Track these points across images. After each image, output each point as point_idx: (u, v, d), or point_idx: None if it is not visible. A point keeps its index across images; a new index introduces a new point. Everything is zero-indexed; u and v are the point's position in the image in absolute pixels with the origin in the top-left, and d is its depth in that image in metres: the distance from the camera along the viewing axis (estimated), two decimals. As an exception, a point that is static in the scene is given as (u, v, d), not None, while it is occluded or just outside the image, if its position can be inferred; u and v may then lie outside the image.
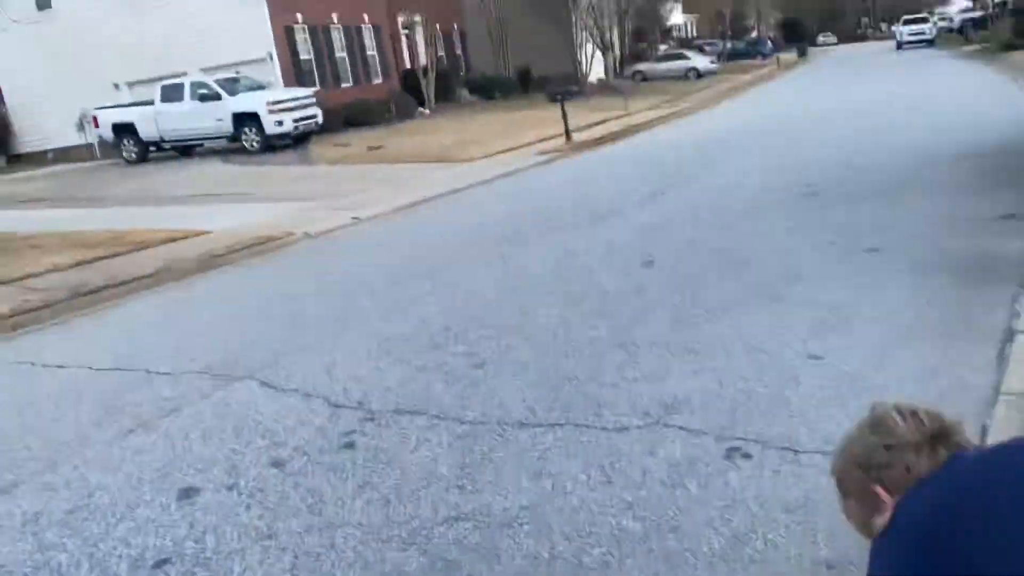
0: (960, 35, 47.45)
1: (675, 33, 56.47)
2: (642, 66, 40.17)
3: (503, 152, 16.78)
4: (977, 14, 48.47)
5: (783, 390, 3.77)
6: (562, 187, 11.19)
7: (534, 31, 37.31)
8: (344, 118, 23.55)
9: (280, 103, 20.43)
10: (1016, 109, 13.62)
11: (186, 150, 21.77)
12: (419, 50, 30.68)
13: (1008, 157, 9.06)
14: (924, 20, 49.22)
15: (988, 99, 15.73)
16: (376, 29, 28.39)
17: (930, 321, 4.45)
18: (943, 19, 53.47)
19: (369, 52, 28.21)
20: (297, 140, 20.83)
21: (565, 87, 22.76)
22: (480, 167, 14.78)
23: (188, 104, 20.63)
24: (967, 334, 4.20)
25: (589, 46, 37.56)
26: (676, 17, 56.99)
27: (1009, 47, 27.14)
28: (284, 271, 8.01)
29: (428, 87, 29.56)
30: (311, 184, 14.85)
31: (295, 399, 4.34)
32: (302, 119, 20.82)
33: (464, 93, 32.60)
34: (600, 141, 17.44)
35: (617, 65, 39.36)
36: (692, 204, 8.57)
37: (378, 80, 28.31)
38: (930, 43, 45.72)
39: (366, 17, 27.83)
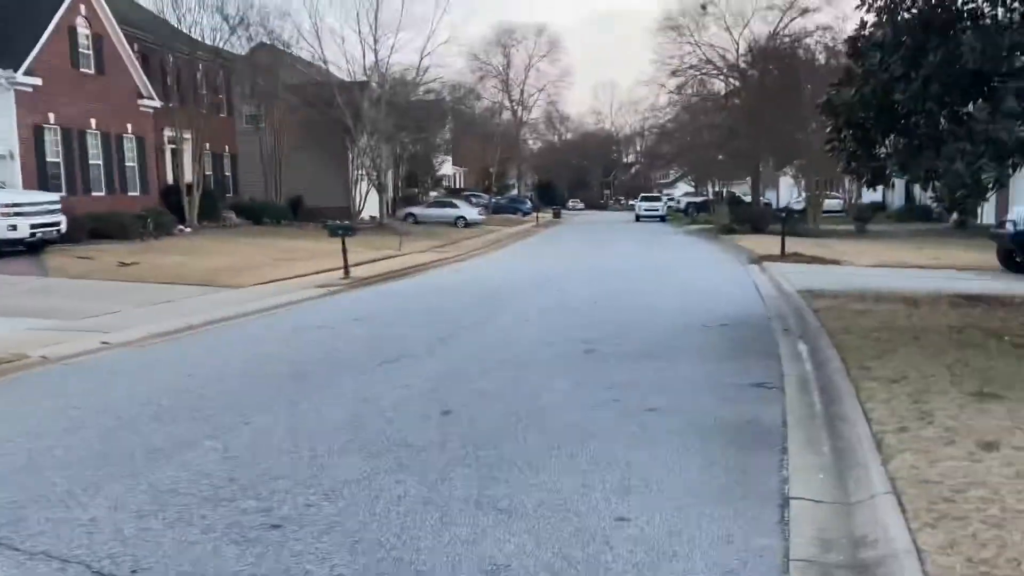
0: (685, 215, 54.95)
1: (445, 182, 59.45)
2: (414, 209, 41.56)
3: (277, 281, 16.18)
4: (699, 199, 56.48)
5: (599, 555, 3.77)
6: (346, 324, 10.91)
7: (310, 162, 37.48)
8: (91, 229, 21.59)
9: (16, 206, 18.35)
10: (742, 284, 15.74)
11: None
12: (185, 167, 29.37)
13: (746, 329, 10.32)
14: (657, 199, 56.56)
15: (720, 274, 18.06)
16: (139, 140, 26.89)
17: (716, 483, 4.75)
18: (671, 199, 61.60)
19: (128, 163, 26.51)
20: (32, 248, 18.64)
21: (346, 222, 22.76)
22: (253, 295, 14.09)
23: (-100, 201, 17.88)
24: (750, 498, 4.52)
25: (364, 184, 38.35)
26: (447, 168, 60.23)
27: (729, 230, 31.73)
28: (20, 403, 6.86)
29: (192, 205, 28.21)
30: (49, 299, 13.18)
31: (46, 567, 3.59)
32: (42, 225, 18.80)
33: (231, 215, 31.47)
34: (379, 278, 17.46)
35: (390, 206, 40.36)
36: (479, 353, 8.70)
37: (135, 192, 26.53)
38: (662, 219, 52.33)
39: (129, 127, 26.33)
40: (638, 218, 53.35)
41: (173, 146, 29.61)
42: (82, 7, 24.08)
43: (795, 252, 20.12)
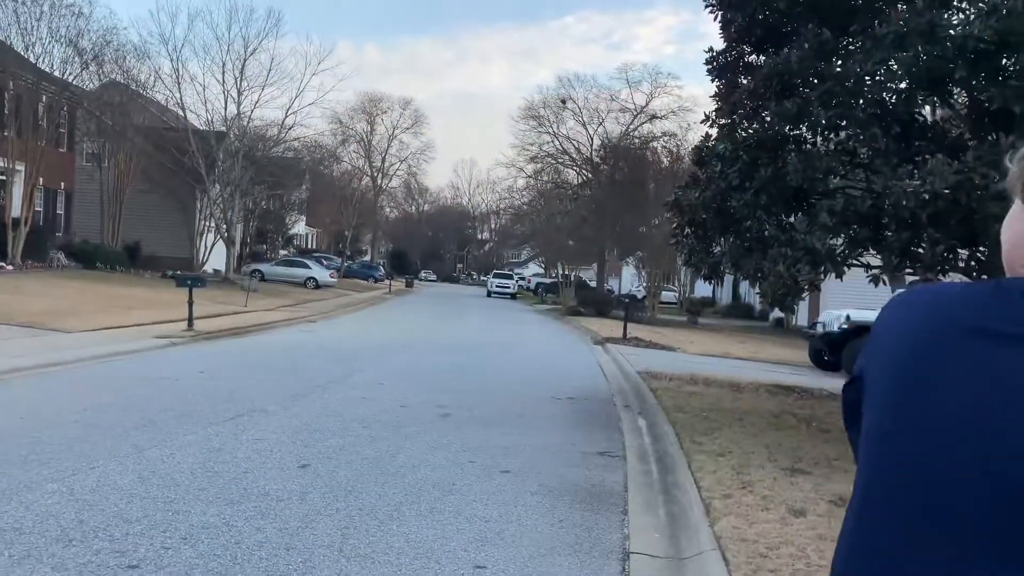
0: (535, 294, 56.76)
1: (296, 242, 58.33)
2: (263, 266, 40.42)
3: (112, 328, 15.30)
4: (549, 281, 58.65)
5: (459, 599, 3.99)
6: (192, 377, 10.54)
7: (154, 208, 35.89)
8: (-102, 257, 19.56)
9: None
10: (587, 363, 16.57)
11: None
12: (14, 200, 27.31)
13: (591, 403, 10.94)
14: (509, 277, 58.23)
15: (567, 352, 18.91)
16: (-35, 167, 24.85)
17: (565, 538, 5.10)
18: (522, 279, 63.54)
19: (-51, 190, 24.38)
20: None
21: (196, 273, 21.88)
22: (85, 340, 13.27)
23: None
24: (595, 552, 4.91)
25: (211, 236, 37.04)
26: (300, 227, 59.20)
27: (575, 312, 33.16)
28: None
29: (17, 241, 26.18)
30: None
31: None
32: None
33: (59, 256, 29.39)
34: (224, 333, 16.90)
35: (237, 261, 39.08)
36: (334, 411, 8.72)
37: (-47, 222, 24.34)
38: (513, 296, 53.83)
39: (-45, 152, 24.34)
40: (489, 294, 54.56)
41: (2, 177, 27.52)
42: (-85, 20, 22.36)
43: (635, 336, 21.39)
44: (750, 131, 7.78)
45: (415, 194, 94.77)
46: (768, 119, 8.01)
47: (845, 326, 17.33)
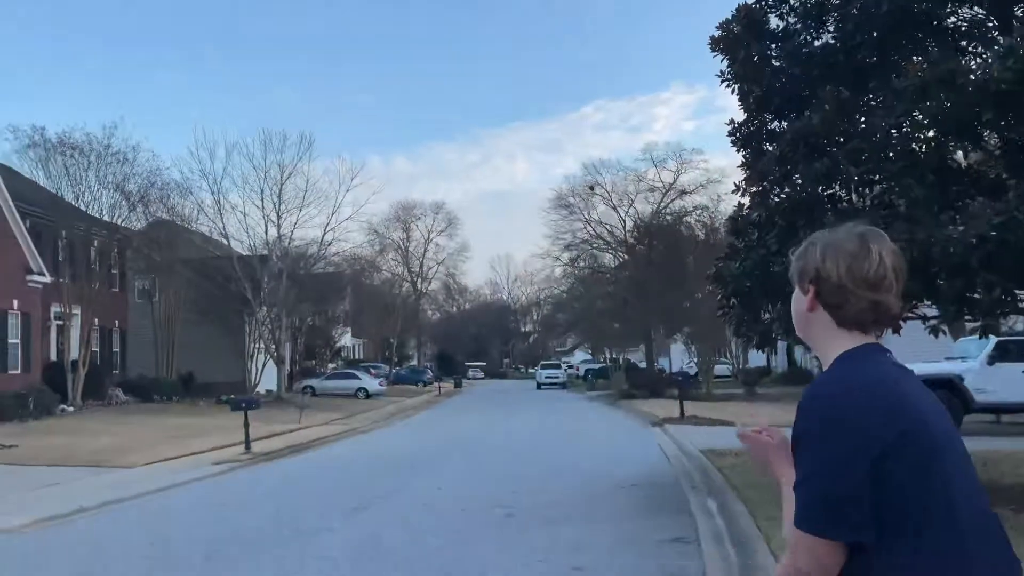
0: (584, 381, 56.22)
1: (344, 354, 59.02)
2: (313, 382, 40.82)
3: (172, 459, 15.44)
4: (597, 366, 58.15)
5: None
6: (255, 501, 10.53)
7: (204, 336, 36.71)
8: (-34, 410, 20.23)
9: None
10: (647, 446, 16.20)
11: None
12: (71, 343, 28.25)
13: (655, 488, 10.62)
14: (557, 366, 57.89)
15: (625, 437, 18.53)
16: (24, 316, 25.87)
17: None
18: (570, 366, 63.13)
19: (11, 340, 25.32)
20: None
21: (249, 396, 22.19)
22: (146, 474, 13.38)
23: None
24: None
25: (261, 357, 37.67)
26: (346, 339, 60.02)
27: (628, 395, 32.69)
28: None
29: (76, 383, 26.90)
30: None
31: None
32: (-89, 406, 17.52)
33: (118, 392, 30.07)
34: (281, 453, 16.94)
35: (288, 379, 39.58)
36: (397, 521, 8.59)
37: (16, 371, 25.15)
38: (563, 385, 53.35)
39: (15, 303, 25.39)
40: (539, 385, 54.15)
41: (60, 322, 28.58)
42: (-24, 185, 23.83)
43: (693, 415, 20.92)
44: (782, 196, 7.78)
45: (455, 294, 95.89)
46: (799, 182, 8.02)
47: (910, 381, 16.81)
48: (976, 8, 7.66)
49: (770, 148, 9.45)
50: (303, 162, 39.54)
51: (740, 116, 9.86)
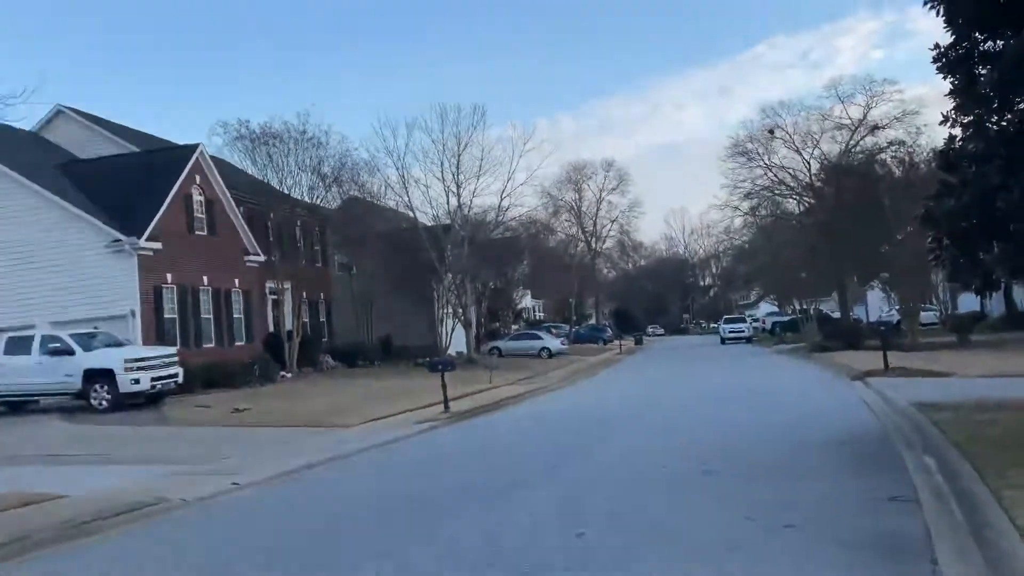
0: (772, 335, 54.02)
1: (525, 315, 60.55)
2: (499, 343, 42.26)
3: (380, 419, 16.68)
4: (786, 318, 55.59)
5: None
6: (459, 455, 11.19)
7: (398, 303, 38.95)
8: (204, 379, 22.83)
9: (139, 361, 19.70)
10: (849, 402, 15.40)
11: (17, 405, 20.13)
12: (285, 315, 31.02)
13: (865, 444, 10.11)
14: (742, 320, 56.01)
15: (824, 392, 17.72)
16: (245, 293, 28.67)
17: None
18: (755, 320, 60.87)
19: (236, 315, 28.17)
20: (150, 400, 19.83)
21: (445, 358, 23.40)
22: (360, 433, 14.56)
23: (36, 357, 19.49)
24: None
25: (450, 321, 39.45)
26: (526, 301, 61.47)
27: (822, 348, 31.11)
28: (175, 541, 7.29)
29: (292, 352, 29.54)
30: (174, 446, 13.93)
31: None
32: (161, 378, 20.02)
33: (327, 359, 32.73)
34: (476, 412, 17.79)
35: (475, 341, 41.20)
36: (598, 476, 8.81)
37: (241, 343, 28.01)
38: (748, 340, 51.60)
39: (236, 282, 28.18)
40: (723, 340, 52.76)
41: (274, 297, 31.41)
42: (197, 177, 26.52)
43: (900, 367, 19.58)
44: (1003, 123, 7.03)
45: (629, 251, 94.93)
46: (1021, 108, 7.20)
47: None
48: None
49: (984, 72, 8.56)
50: (477, 132, 40.45)
51: (946, 39, 8.99)
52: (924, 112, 50.64)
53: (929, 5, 8.09)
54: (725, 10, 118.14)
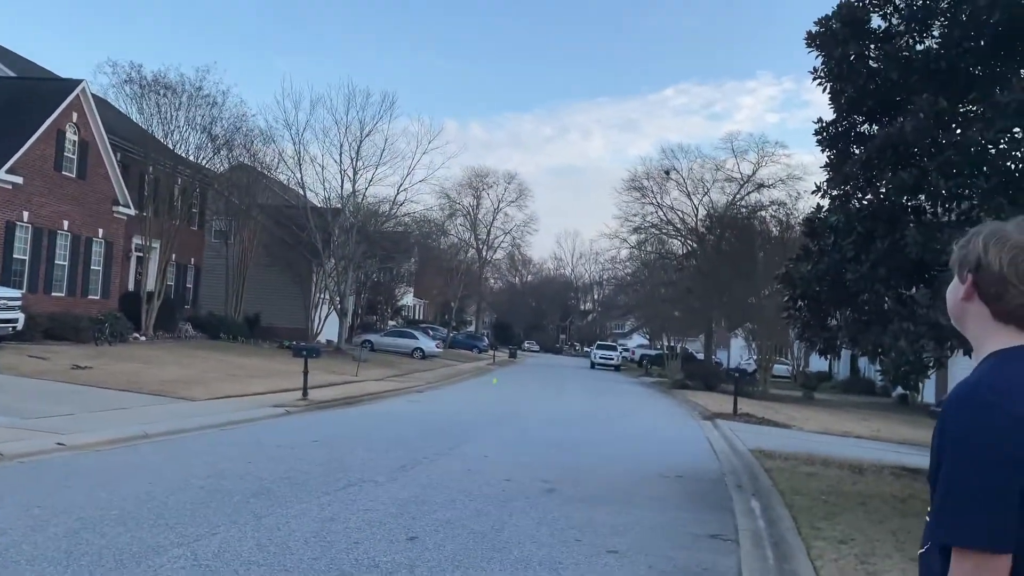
0: (639, 366, 55.90)
1: (404, 312, 59.94)
2: (372, 337, 41.65)
3: (232, 397, 16.06)
4: (653, 352, 57.70)
5: None
6: (306, 446, 10.90)
7: (273, 281, 37.76)
8: (47, 329, 21.33)
9: (-24, 298, 18.21)
10: (696, 439, 16.09)
11: None
12: (149, 275, 29.44)
13: (701, 482, 10.58)
14: (613, 348, 57.65)
15: (675, 428, 18.43)
16: (108, 245, 27.03)
17: (677, 627, 4.91)
18: (626, 350, 62.75)
19: (94, 267, 26.51)
20: (-18, 344, 18.34)
21: (312, 344, 22.81)
22: (208, 408, 13.95)
23: None
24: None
25: (325, 307, 38.57)
26: (408, 299, 60.90)
27: (682, 385, 32.41)
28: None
29: (150, 314, 28.07)
30: (1, 397, 12.91)
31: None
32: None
33: (187, 327, 31.28)
34: (336, 403, 17.42)
35: (348, 331, 40.46)
36: (442, 483, 8.79)
37: (95, 296, 26.37)
38: (616, 368, 53.18)
39: (100, 232, 26.53)
40: (593, 365, 54.13)
41: (140, 254, 29.77)
42: (74, 115, 24.82)
43: (746, 412, 20.66)
44: (864, 202, 7.57)
45: (519, 265, 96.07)
46: (883, 190, 7.78)
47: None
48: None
49: (857, 152, 9.19)
50: (383, 121, 39.97)
51: (829, 115, 9.61)
52: (805, 179, 53.81)
53: (819, 81, 8.62)
54: (645, 49, 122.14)
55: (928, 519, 1.41)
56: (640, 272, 55.85)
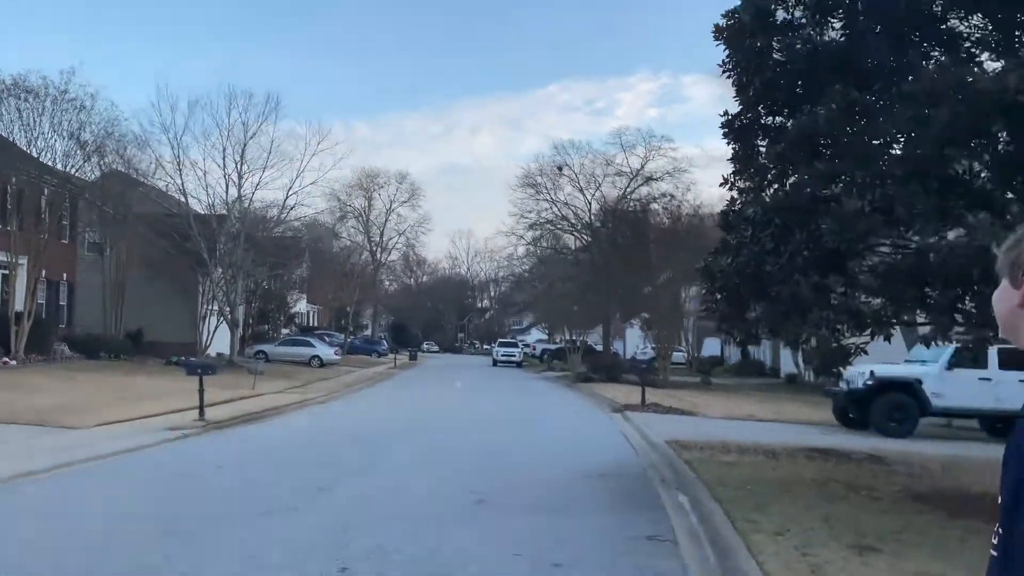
0: (540, 361, 56.35)
1: (298, 320, 58.08)
2: (266, 347, 40.08)
3: (123, 422, 14.91)
4: (554, 347, 58.33)
5: None
6: (212, 472, 10.16)
7: (156, 294, 35.68)
8: (-98, 358, 19.29)
9: None
10: (611, 433, 16.16)
11: None
12: (16, 294, 27.18)
13: (626, 480, 10.53)
14: (515, 345, 57.94)
15: (588, 423, 18.48)
16: (-32, 263, 24.78)
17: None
18: (526, 346, 63.09)
19: (-47, 287, 24.25)
20: None
21: (205, 360, 21.58)
22: (97, 436, 12.87)
23: None
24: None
25: (213, 319, 36.81)
26: (301, 305, 59.07)
27: (586, 379, 32.75)
28: None
29: (20, 336, 25.92)
30: None
31: None
32: None
33: (63, 348, 29.10)
34: (236, 421, 16.49)
35: (240, 342, 38.79)
36: (366, 503, 8.34)
37: (-43, 319, 24.12)
38: (519, 364, 53.45)
39: (-41, 248, 24.30)
40: (495, 363, 54.18)
41: (5, 271, 27.45)
42: (-79, 122, 22.57)
43: (654, 403, 20.96)
44: (780, 194, 7.64)
45: (414, 266, 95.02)
46: (795, 182, 7.88)
47: (870, 382, 16.98)
48: (984, 17, 7.57)
49: (762, 144, 9.33)
50: (268, 123, 38.40)
51: (733, 108, 9.72)
52: (691, 171, 55.72)
53: (727, 74, 8.67)
54: (527, 46, 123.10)
55: (997, 554, 1.28)
56: (537, 268, 56.24)
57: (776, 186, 7.76)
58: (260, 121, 36.68)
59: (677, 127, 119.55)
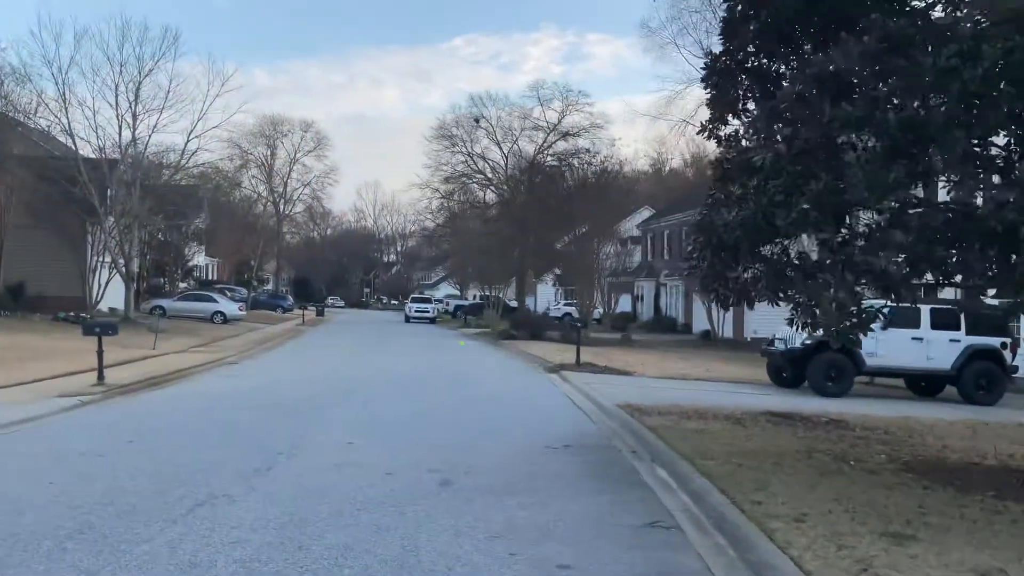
0: (454, 318, 55.34)
1: (196, 273, 54.84)
2: (164, 302, 37.45)
3: (6, 387, 13.08)
4: (467, 302, 57.42)
5: None
6: (122, 450, 8.73)
7: (40, 244, 32.55)
8: None
9: None
10: (552, 396, 15.38)
11: None
12: None
13: (591, 451, 9.71)
14: (428, 301, 56.71)
15: (527, 385, 17.64)
16: None
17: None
18: (438, 301, 61.88)
19: None
20: None
21: (105, 320, 19.52)
22: (-26, 408, 11.09)
23: None
24: None
25: (104, 272, 33.95)
26: (199, 258, 55.75)
27: (508, 336, 31.97)
28: None
29: None
30: None
31: None
32: None
33: (-69, 302, 26.08)
34: (140, 385, 14.82)
35: (135, 297, 36.04)
36: (315, 488, 7.18)
37: None
38: (432, 320, 52.33)
39: None
40: (408, 319, 52.93)
41: None
42: None
43: (588, 362, 20.33)
44: (797, 140, 6.80)
45: (318, 219, 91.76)
46: (805, 126, 7.02)
47: (808, 342, 16.78)
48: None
49: (745, 85, 8.52)
50: (167, 59, 35.19)
51: (718, 48, 8.86)
52: (607, 127, 55.28)
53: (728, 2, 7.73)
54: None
55: None
56: (450, 223, 54.85)
57: (788, 131, 6.93)
58: (157, 58, 33.60)
59: (581, 84, 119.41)
